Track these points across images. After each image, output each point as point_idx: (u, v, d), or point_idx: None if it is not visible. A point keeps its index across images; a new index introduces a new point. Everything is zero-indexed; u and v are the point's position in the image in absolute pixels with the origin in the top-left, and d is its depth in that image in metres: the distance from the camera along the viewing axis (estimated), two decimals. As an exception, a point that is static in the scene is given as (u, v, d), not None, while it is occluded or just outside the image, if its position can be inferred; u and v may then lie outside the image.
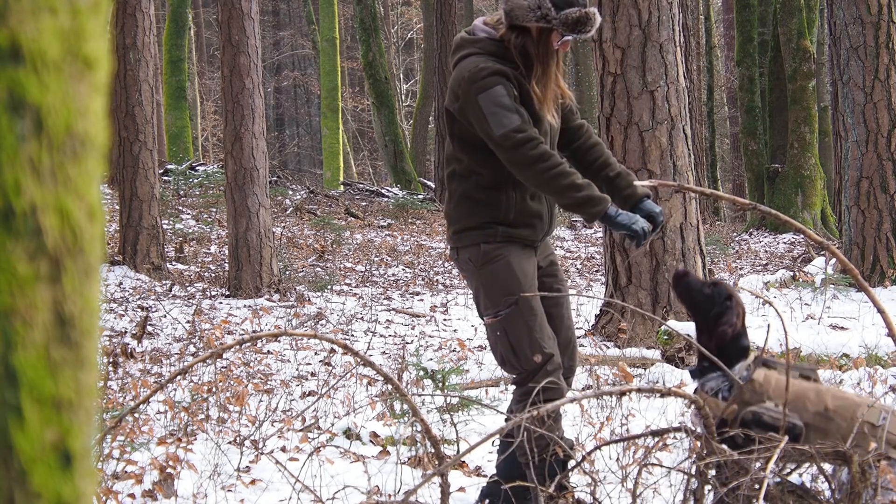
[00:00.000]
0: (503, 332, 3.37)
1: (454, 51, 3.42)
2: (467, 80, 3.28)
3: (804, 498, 2.91)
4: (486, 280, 3.36)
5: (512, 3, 3.30)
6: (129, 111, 10.60)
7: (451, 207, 3.43)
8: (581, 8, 3.28)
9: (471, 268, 3.40)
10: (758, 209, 2.82)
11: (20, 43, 0.92)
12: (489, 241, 3.36)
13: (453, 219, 3.43)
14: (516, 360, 3.38)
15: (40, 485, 0.93)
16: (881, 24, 9.24)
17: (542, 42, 3.31)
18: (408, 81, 34.60)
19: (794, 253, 13.31)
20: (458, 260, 3.47)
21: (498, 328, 3.37)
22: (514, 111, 3.23)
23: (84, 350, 0.97)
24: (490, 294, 3.37)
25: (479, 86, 3.25)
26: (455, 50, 3.41)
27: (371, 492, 3.87)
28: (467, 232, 3.39)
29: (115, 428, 3.43)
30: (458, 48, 3.40)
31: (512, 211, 3.36)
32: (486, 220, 3.36)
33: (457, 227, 3.41)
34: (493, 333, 3.41)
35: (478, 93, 3.25)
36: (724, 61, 24.48)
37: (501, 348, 3.40)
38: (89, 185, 0.97)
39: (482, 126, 3.26)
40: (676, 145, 6.81)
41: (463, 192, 3.38)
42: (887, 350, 6.25)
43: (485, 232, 3.36)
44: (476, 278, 3.40)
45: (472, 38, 3.38)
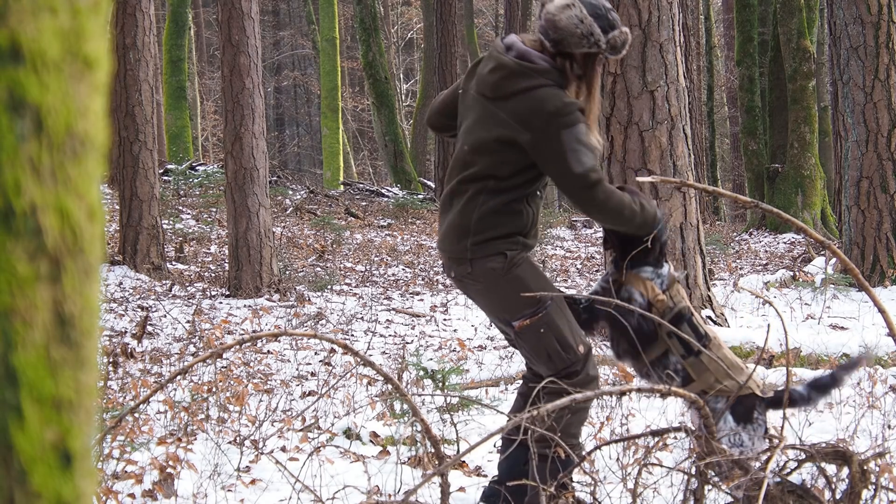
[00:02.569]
0: (547, 328, 3.37)
1: (512, 75, 3.34)
2: (551, 115, 3.27)
3: (804, 498, 2.91)
4: (515, 284, 3.36)
5: (562, 31, 3.31)
6: (129, 111, 10.60)
7: (474, 220, 3.36)
8: (622, 29, 3.38)
9: (493, 276, 3.37)
10: (759, 207, 2.82)
11: (20, 43, 0.92)
12: (513, 249, 3.37)
13: (474, 231, 3.37)
14: (565, 353, 3.39)
15: (40, 485, 0.93)
16: (881, 24, 9.24)
17: (590, 66, 3.39)
18: (408, 81, 34.60)
19: (794, 253, 13.32)
20: (473, 273, 3.39)
21: (542, 325, 3.37)
22: (590, 149, 3.29)
23: (84, 350, 0.97)
24: (523, 296, 3.36)
25: (565, 122, 3.27)
26: (515, 76, 3.34)
27: (371, 492, 3.87)
28: (491, 242, 3.36)
29: (115, 428, 3.43)
30: (522, 75, 3.34)
31: (529, 223, 3.43)
32: (510, 231, 3.38)
33: (478, 239, 3.36)
34: (535, 333, 3.38)
35: (562, 128, 3.26)
36: (724, 61, 24.48)
37: (546, 345, 3.38)
38: (89, 185, 0.97)
39: (558, 160, 3.27)
40: (676, 145, 6.81)
41: (492, 207, 3.36)
42: (887, 350, 6.25)
43: (508, 241, 3.37)
44: (502, 285, 3.37)
45: (536, 68, 3.34)
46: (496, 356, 6.78)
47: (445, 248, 3.48)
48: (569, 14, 3.31)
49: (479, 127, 3.40)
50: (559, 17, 3.32)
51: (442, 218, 3.53)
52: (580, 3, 3.33)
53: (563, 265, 12.90)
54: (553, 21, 3.32)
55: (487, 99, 3.39)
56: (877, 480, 2.88)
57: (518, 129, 3.30)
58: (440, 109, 3.68)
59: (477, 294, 3.47)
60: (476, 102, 3.44)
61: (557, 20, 3.32)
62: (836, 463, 2.92)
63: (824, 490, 2.98)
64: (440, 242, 3.52)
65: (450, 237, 3.44)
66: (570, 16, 3.31)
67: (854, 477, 2.85)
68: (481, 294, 3.46)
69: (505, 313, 3.43)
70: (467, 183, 3.40)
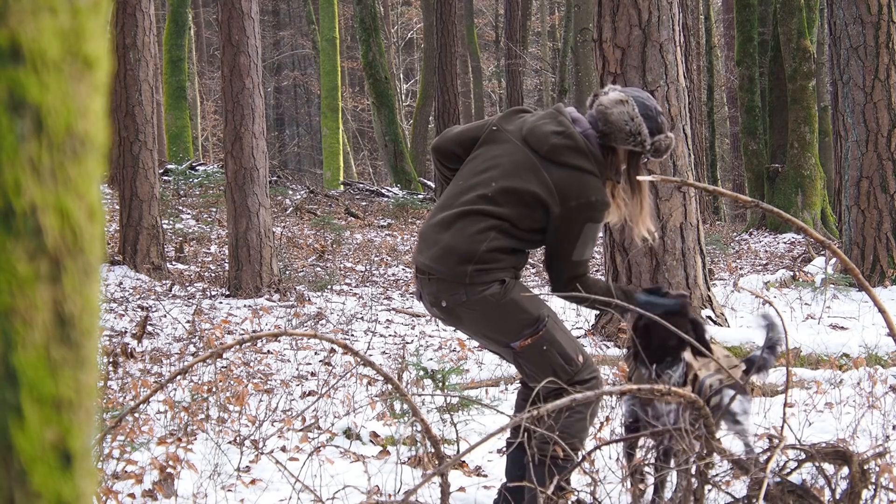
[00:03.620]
0: (549, 344, 3.39)
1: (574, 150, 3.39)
2: (590, 204, 3.36)
3: (804, 498, 2.91)
4: (512, 307, 3.37)
5: (612, 125, 3.41)
6: (129, 111, 10.60)
7: (482, 250, 3.34)
8: (668, 134, 3.49)
9: (489, 303, 3.36)
10: (759, 206, 2.82)
11: (20, 43, 0.92)
12: (507, 278, 3.40)
13: (479, 260, 3.34)
14: (568, 365, 3.41)
15: (40, 485, 0.93)
16: (881, 24, 9.24)
17: (633, 164, 3.51)
18: (408, 81, 34.60)
19: (794, 253, 13.32)
20: (468, 301, 3.36)
21: (544, 342, 3.39)
22: (593, 246, 3.44)
23: (84, 350, 0.97)
24: (521, 317, 3.37)
25: (594, 216, 3.38)
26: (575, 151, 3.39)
27: (371, 492, 3.87)
28: (492, 272, 3.37)
29: (115, 428, 3.43)
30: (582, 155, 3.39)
31: (523, 264, 3.51)
32: (509, 266, 3.41)
33: (480, 268, 3.34)
34: (538, 350, 3.39)
35: (589, 220, 3.37)
36: (724, 61, 24.48)
37: (551, 360, 3.40)
38: (89, 185, 0.97)
39: (568, 242, 3.38)
40: (676, 145, 6.81)
41: (501, 245, 3.37)
42: (887, 350, 6.25)
43: (505, 272, 3.40)
44: (498, 310, 3.37)
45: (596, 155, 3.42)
46: (496, 356, 6.78)
47: (437, 270, 3.38)
48: (621, 110, 3.42)
49: (516, 174, 3.40)
50: (611, 112, 3.42)
51: (434, 233, 3.43)
52: (633, 101, 3.44)
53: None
54: (605, 114, 3.42)
55: (535, 153, 3.41)
56: (877, 480, 2.88)
57: (554, 198, 3.36)
58: (458, 140, 3.62)
59: (471, 322, 3.43)
60: (518, 150, 3.45)
61: (609, 114, 3.42)
62: (836, 463, 2.92)
63: (824, 490, 2.98)
64: (431, 260, 3.40)
65: (447, 259, 3.36)
66: (622, 111, 3.42)
67: (854, 477, 2.85)
68: (475, 322, 3.42)
69: (504, 337, 3.42)
70: (485, 216, 3.37)
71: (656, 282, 6.80)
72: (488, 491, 4.06)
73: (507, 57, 23.95)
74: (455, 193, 3.46)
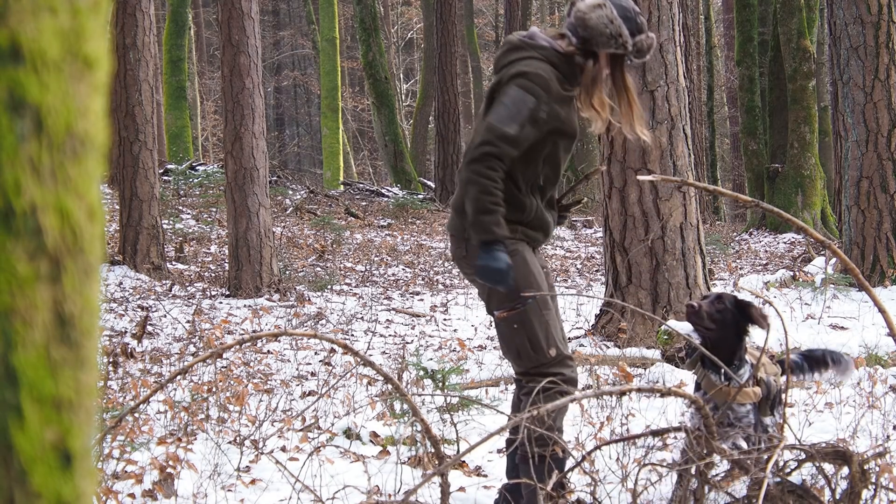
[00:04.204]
0: (521, 325, 3.36)
1: (511, 49, 3.40)
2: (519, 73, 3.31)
3: (804, 498, 2.91)
4: None
5: (591, 30, 3.35)
6: (129, 111, 10.60)
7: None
8: (648, 34, 3.43)
9: None
10: (760, 206, 2.82)
11: (20, 43, 0.92)
12: (509, 238, 3.34)
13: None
14: (533, 353, 3.38)
15: (40, 484, 0.93)
16: (881, 24, 9.24)
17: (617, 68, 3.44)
18: (408, 81, 34.60)
19: (794, 253, 13.32)
20: (467, 255, 3.39)
21: (515, 320, 3.36)
22: (519, 125, 3.27)
23: (84, 350, 0.97)
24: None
25: (522, 83, 3.30)
26: (512, 49, 3.40)
27: (371, 492, 3.87)
28: None
29: (115, 428, 3.43)
30: (518, 48, 3.39)
31: (532, 214, 3.41)
32: (510, 219, 3.35)
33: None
34: (509, 327, 3.39)
35: (516, 85, 3.30)
36: (724, 61, 24.48)
37: (517, 342, 3.38)
38: (89, 184, 0.97)
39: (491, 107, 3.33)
40: (676, 145, 6.81)
41: None
42: (887, 350, 6.25)
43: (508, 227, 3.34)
44: None
45: (534, 44, 3.38)
46: (496, 356, 6.78)
47: (448, 226, 3.49)
48: (599, 13, 3.36)
49: (483, 108, 3.44)
50: (589, 16, 3.36)
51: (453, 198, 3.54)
52: (611, 3, 3.38)
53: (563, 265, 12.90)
54: (583, 19, 3.36)
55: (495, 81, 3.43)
56: (877, 480, 2.88)
57: (495, 84, 3.36)
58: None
59: (470, 278, 3.48)
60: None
61: (588, 18, 3.36)
62: (836, 463, 2.92)
63: (824, 490, 2.98)
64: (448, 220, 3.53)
65: (452, 216, 3.45)
66: (600, 15, 3.36)
67: (854, 477, 2.85)
68: (473, 277, 3.45)
69: (489, 301, 3.43)
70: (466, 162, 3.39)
71: (656, 282, 6.80)
72: (488, 491, 4.06)
73: (507, 57, 23.92)
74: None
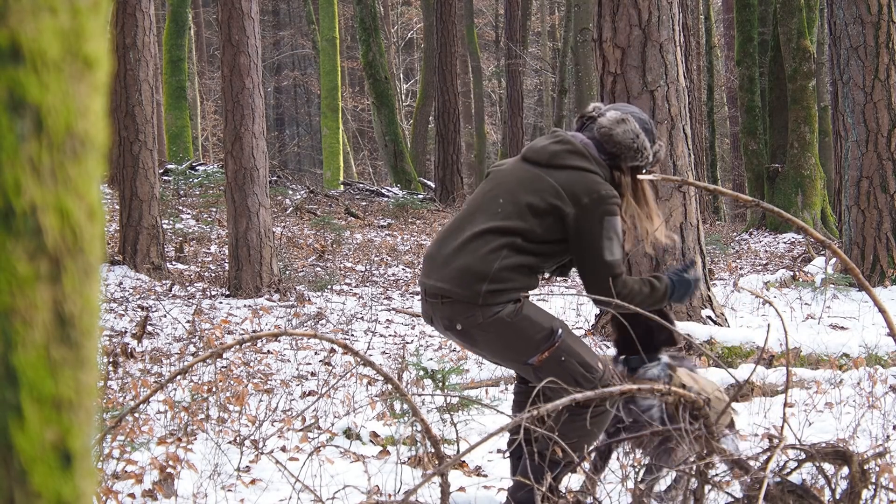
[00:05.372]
0: (567, 354, 3.37)
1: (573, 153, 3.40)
2: (602, 198, 3.34)
3: (804, 498, 2.91)
4: (526, 324, 3.35)
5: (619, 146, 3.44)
6: (129, 111, 10.60)
7: (494, 269, 3.32)
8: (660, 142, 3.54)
9: (504, 323, 3.34)
10: (760, 206, 2.82)
11: (20, 43, 0.92)
12: (520, 298, 3.38)
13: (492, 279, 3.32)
14: (590, 373, 3.38)
15: (40, 485, 0.93)
16: (881, 24, 9.24)
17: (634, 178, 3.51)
18: (408, 81, 34.60)
19: (794, 253, 13.32)
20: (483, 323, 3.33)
21: (561, 353, 3.37)
22: (621, 245, 3.39)
23: (84, 350, 0.97)
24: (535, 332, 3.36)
25: (610, 209, 3.34)
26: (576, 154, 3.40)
27: (371, 492, 3.87)
28: (505, 293, 3.35)
29: (115, 428, 3.43)
30: (582, 157, 3.40)
31: (535, 285, 3.47)
32: (522, 286, 3.38)
33: (493, 288, 3.32)
34: (557, 362, 3.37)
35: (606, 214, 3.34)
36: (724, 61, 24.48)
37: (571, 370, 3.37)
38: (89, 184, 0.97)
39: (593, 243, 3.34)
40: (676, 145, 6.81)
41: (515, 262, 3.35)
42: (887, 350, 6.25)
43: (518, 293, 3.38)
44: (512, 329, 3.35)
45: (597, 157, 3.42)
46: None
47: (451, 291, 3.36)
48: (624, 129, 3.41)
49: (521, 187, 3.40)
50: (616, 132, 3.41)
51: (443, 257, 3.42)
52: (632, 118, 3.44)
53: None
54: (610, 135, 3.42)
55: (537, 165, 3.42)
56: (877, 480, 2.88)
57: (565, 201, 3.35)
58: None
59: (486, 343, 3.40)
60: (519, 168, 3.47)
61: (614, 134, 3.41)
62: (836, 463, 2.92)
63: (824, 490, 2.98)
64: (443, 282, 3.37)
65: (461, 281, 3.34)
66: (626, 130, 3.41)
67: (854, 477, 2.85)
68: (491, 342, 3.39)
69: (520, 355, 3.39)
70: (496, 234, 3.36)
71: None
72: (488, 491, 4.06)
73: (507, 57, 23.96)
74: (462, 218, 3.47)
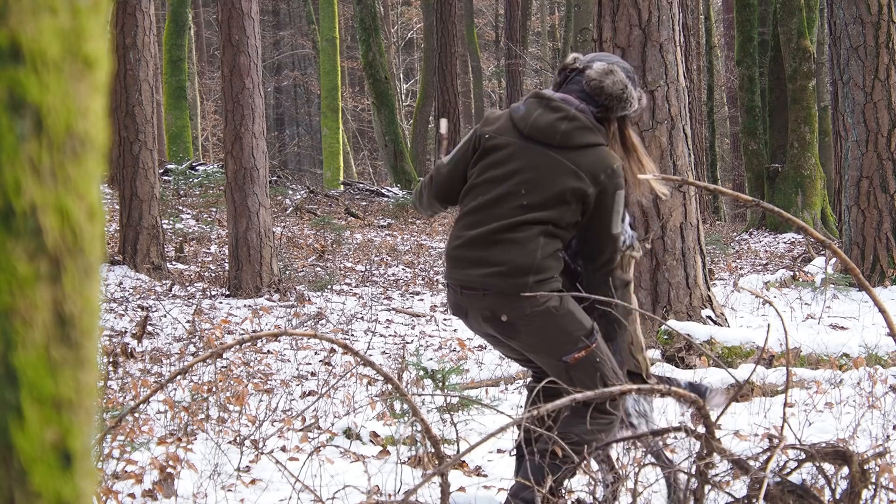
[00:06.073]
0: (601, 355, 3.37)
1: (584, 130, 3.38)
2: (615, 172, 3.35)
3: (804, 498, 2.91)
4: (569, 318, 3.34)
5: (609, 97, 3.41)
6: (129, 111, 10.60)
7: (538, 259, 3.31)
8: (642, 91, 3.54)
9: (551, 314, 3.33)
10: (760, 206, 2.82)
11: (20, 43, 0.92)
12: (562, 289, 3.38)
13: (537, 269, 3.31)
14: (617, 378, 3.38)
15: (40, 485, 0.93)
16: (881, 24, 9.24)
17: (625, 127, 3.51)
18: (408, 81, 34.60)
19: (794, 253, 13.32)
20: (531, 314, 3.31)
21: (597, 355, 3.36)
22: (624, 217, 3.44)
23: (84, 350, 0.97)
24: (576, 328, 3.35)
25: (621, 182, 3.37)
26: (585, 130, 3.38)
27: (371, 492, 3.87)
28: (548, 282, 3.34)
29: (115, 428, 3.43)
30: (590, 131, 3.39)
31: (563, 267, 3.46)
32: (559, 270, 3.39)
33: (540, 278, 3.31)
34: (591, 363, 3.35)
35: (618, 188, 3.37)
36: (724, 61, 24.48)
37: (603, 372, 3.36)
38: (89, 184, 0.97)
39: (606, 216, 3.36)
40: (676, 145, 6.81)
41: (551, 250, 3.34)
42: (887, 350, 6.25)
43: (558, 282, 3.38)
44: (557, 322, 3.33)
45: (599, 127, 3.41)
46: (496, 356, 6.78)
47: (495, 284, 3.33)
48: (613, 80, 3.40)
49: (542, 174, 3.36)
50: (605, 84, 3.39)
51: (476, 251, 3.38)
52: (618, 67, 3.43)
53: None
54: (600, 88, 3.40)
55: (550, 147, 3.37)
56: (877, 480, 2.88)
57: (586, 182, 3.34)
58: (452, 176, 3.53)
59: (528, 335, 3.37)
60: (531, 150, 3.38)
61: (605, 87, 3.39)
62: (836, 463, 2.92)
63: (824, 490, 2.98)
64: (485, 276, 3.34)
65: (505, 273, 3.31)
66: (614, 81, 3.40)
67: (854, 477, 2.85)
68: (533, 334, 3.36)
69: (559, 350, 3.37)
70: (530, 224, 3.34)
71: (656, 282, 6.80)
72: (488, 491, 4.06)
73: (507, 57, 23.96)
74: (483, 208, 3.39)
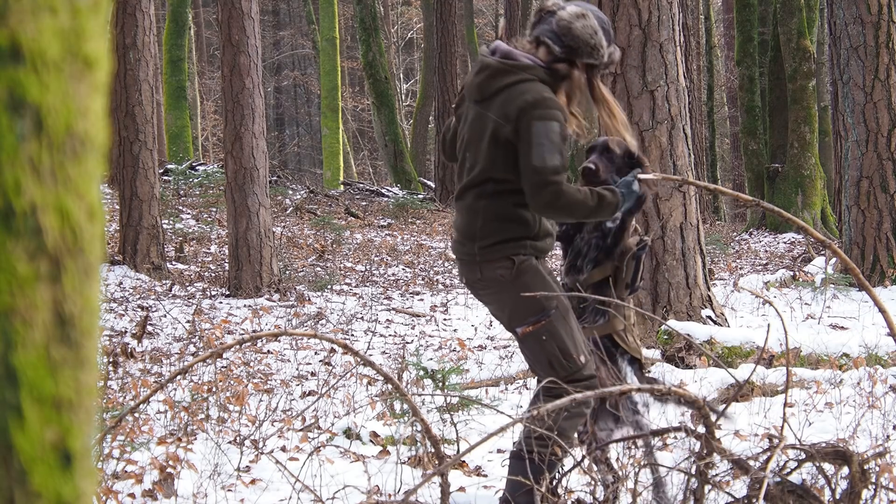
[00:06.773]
0: (549, 335, 3.37)
1: (494, 74, 3.38)
2: (529, 104, 3.29)
3: (804, 498, 2.91)
4: (522, 290, 3.35)
5: (577, 40, 3.36)
6: (129, 111, 10.60)
7: (479, 226, 3.36)
8: (615, 47, 3.48)
9: (502, 282, 3.36)
10: (760, 205, 2.82)
11: (20, 43, 0.92)
12: (520, 254, 3.36)
13: (480, 236, 3.37)
14: (566, 362, 3.38)
15: (40, 485, 0.93)
16: (881, 24, 9.24)
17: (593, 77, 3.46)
18: (408, 81, 34.61)
19: (794, 252, 13.31)
20: (483, 279, 3.39)
21: (543, 332, 3.37)
22: (559, 152, 3.29)
23: (84, 350, 0.97)
24: (528, 302, 3.35)
25: (539, 114, 3.28)
26: (496, 73, 3.37)
27: (371, 492, 3.87)
28: (498, 246, 3.36)
29: (115, 428, 3.43)
30: (505, 73, 3.36)
31: (537, 226, 3.40)
32: (518, 236, 3.37)
33: (485, 243, 3.36)
34: (537, 341, 3.38)
35: (535, 119, 3.28)
36: (724, 61, 24.48)
37: (548, 353, 3.38)
38: (89, 184, 0.97)
39: (525, 151, 3.29)
40: (676, 145, 6.81)
41: (495, 211, 3.36)
42: (887, 350, 6.25)
43: (516, 245, 3.36)
44: (508, 291, 3.37)
45: (519, 64, 3.36)
46: (496, 356, 6.79)
47: (455, 251, 3.51)
48: (583, 24, 3.37)
49: (471, 132, 3.43)
50: (575, 26, 3.36)
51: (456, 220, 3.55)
52: (592, 14, 3.40)
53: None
54: (569, 28, 3.37)
55: (476, 103, 3.42)
56: (877, 480, 2.88)
57: (501, 124, 3.33)
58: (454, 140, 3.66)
59: (487, 299, 3.49)
60: (469, 110, 3.47)
61: (573, 28, 3.36)
62: (836, 463, 2.92)
63: (824, 490, 2.98)
64: (454, 244, 3.54)
65: (459, 241, 3.46)
66: (584, 25, 3.37)
67: (854, 477, 2.85)
68: (490, 300, 3.47)
69: (511, 320, 3.43)
70: (468, 189, 3.42)
71: (656, 282, 6.80)
72: (488, 491, 4.06)
73: (507, 57, 23.92)
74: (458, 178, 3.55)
